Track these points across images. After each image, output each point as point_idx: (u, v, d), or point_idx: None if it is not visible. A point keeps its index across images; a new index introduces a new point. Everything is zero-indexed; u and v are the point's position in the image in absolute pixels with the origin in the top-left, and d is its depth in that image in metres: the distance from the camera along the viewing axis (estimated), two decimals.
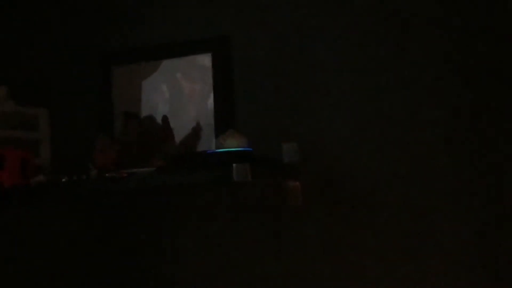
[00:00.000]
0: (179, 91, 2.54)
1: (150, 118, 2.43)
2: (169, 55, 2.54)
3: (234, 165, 2.02)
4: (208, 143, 2.45)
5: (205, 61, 2.50)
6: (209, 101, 2.48)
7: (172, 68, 2.54)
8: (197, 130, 2.49)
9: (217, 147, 2.21)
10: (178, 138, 2.49)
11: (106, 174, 2.25)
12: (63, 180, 2.27)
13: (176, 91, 2.54)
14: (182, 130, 2.49)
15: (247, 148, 2.20)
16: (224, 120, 2.44)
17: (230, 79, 2.47)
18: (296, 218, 2.35)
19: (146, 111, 2.54)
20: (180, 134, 2.49)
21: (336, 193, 2.33)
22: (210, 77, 2.48)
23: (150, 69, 2.57)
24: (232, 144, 2.17)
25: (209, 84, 2.48)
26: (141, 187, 2.25)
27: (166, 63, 2.56)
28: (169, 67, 2.55)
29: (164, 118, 2.45)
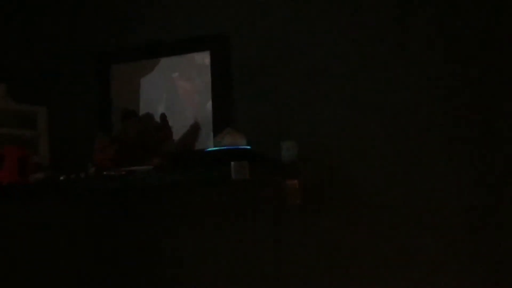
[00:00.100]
0: (177, 89, 2.54)
1: (149, 116, 2.43)
2: (167, 53, 2.54)
3: (233, 163, 2.02)
4: (207, 141, 2.45)
5: (203, 59, 2.50)
6: (207, 99, 2.48)
7: (170, 66, 2.54)
8: (195, 128, 2.49)
9: (215, 145, 2.21)
10: (177, 136, 2.49)
11: (105, 172, 2.25)
12: (62, 178, 2.27)
13: (175, 89, 2.54)
14: (180, 128, 2.49)
15: (245, 146, 2.20)
16: (222, 118, 2.44)
17: (229, 77, 2.46)
18: (295, 216, 2.34)
19: (145, 109, 2.54)
20: (178, 132, 2.49)
21: (335, 191, 2.33)
22: (209, 75, 2.48)
23: (149, 67, 2.57)
24: (231, 142, 2.17)
25: (207, 82, 2.48)
26: (139, 185, 2.25)
27: (165, 61, 2.55)
28: (167, 65, 2.55)
29: (163, 116, 2.44)
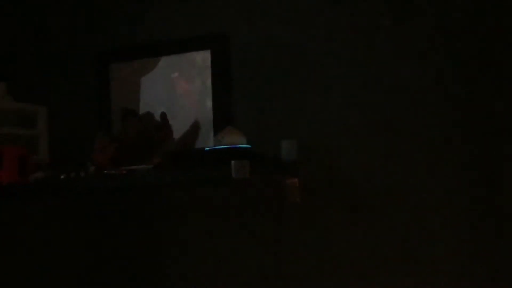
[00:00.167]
0: (177, 88, 2.53)
1: (149, 115, 2.43)
2: (167, 52, 2.53)
3: (233, 162, 2.02)
4: (207, 140, 2.45)
5: (204, 58, 2.50)
6: (207, 98, 2.48)
7: (170, 65, 2.54)
8: (195, 127, 2.49)
9: (215, 144, 2.20)
10: (177, 135, 2.49)
11: (105, 171, 2.24)
12: (62, 177, 2.27)
13: (175, 88, 2.54)
14: (180, 127, 2.49)
15: (245, 145, 2.20)
16: (222, 117, 2.44)
17: (229, 76, 2.46)
18: (295, 215, 2.34)
19: (145, 108, 2.54)
20: (178, 131, 2.49)
21: (335, 190, 2.33)
22: (209, 74, 2.48)
23: (149, 66, 2.57)
24: (231, 141, 2.17)
25: (207, 81, 2.48)
26: (139, 185, 2.25)
27: (165, 60, 2.55)
28: (167, 64, 2.55)
29: (163, 115, 2.45)
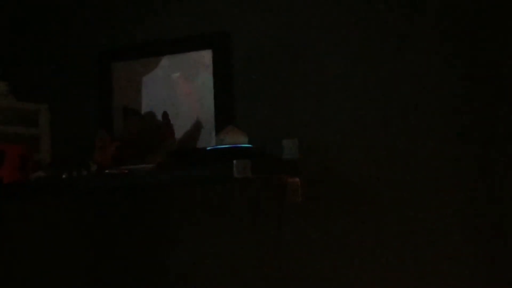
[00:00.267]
0: (179, 87, 2.53)
1: (151, 114, 2.43)
2: (169, 51, 2.54)
3: (235, 161, 2.02)
4: (208, 140, 2.45)
5: (205, 57, 2.50)
6: (209, 97, 2.48)
7: (172, 64, 2.54)
8: (197, 126, 2.49)
9: (217, 144, 2.21)
10: (179, 134, 2.49)
11: (106, 171, 2.25)
12: (63, 176, 2.27)
13: (177, 87, 2.54)
14: (182, 126, 2.49)
15: (247, 145, 2.20)
16: (224, 117, 2.44)
17: (230, 76, 2.46)
18: (296, 214, 2.34)
19: (146, 107, 2.54)
20: (180, 130, 2.49)
21: (336, 189, 2.33)
22: (211, 73, 2.48)
23: (151, 65, 2.57)
24: (233, 141, 2.17)
25: (209, 80, 2.48)
26: (141, 184, 2.25)
27: (167, 59, 2.55)
28: (169, 63, 2.55)
29: (165, 115, 2.45)
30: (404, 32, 2.30)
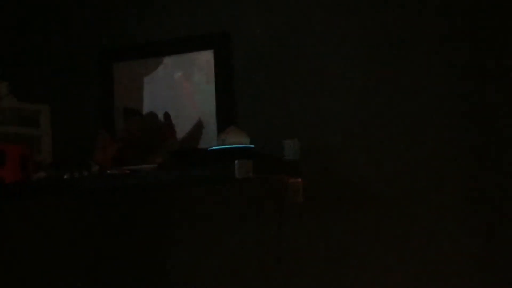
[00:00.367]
0: (180, 87, 2.54)
1: (152, 114, 2.43)
2: (171, 52, 2.54)
3: (236, 161, 2.03)
4: (210, 140, 2.45)
5: (207, 57, 2.50)
6: (210, 98, 2.48)
7: (174, 65, 2.54)
8: (198, 126, 2.49)
9: (218, 144, 2.21)
10: (180, 135, 2.49)
11: (108, 171, 2.25)
12: (65, 177, 2.27)
13: (178, 88, 2.54)
14: (183, 127, 2.49)
15: (248, 145, 2.20)
16: (225, 117, 2.44)
17: (232, 76, 2.46)
18: (298, 214, 2.35)
19: (148, 107, 2.54)
20: (182, 131, 2.49)
21: (337, 189, 2.33)
22: (212, 74, 2.48)
23: (152, 65, 2.57)
24: (234, 141, 2.18)
25: (210, 80, 2.48)
26: (142, 184, 2.25)
27: (168, 60, 2.55)
28: (171, 63, 2.55)
29: (166, 115, 2.45)
30: (404, 32, 2.30)
